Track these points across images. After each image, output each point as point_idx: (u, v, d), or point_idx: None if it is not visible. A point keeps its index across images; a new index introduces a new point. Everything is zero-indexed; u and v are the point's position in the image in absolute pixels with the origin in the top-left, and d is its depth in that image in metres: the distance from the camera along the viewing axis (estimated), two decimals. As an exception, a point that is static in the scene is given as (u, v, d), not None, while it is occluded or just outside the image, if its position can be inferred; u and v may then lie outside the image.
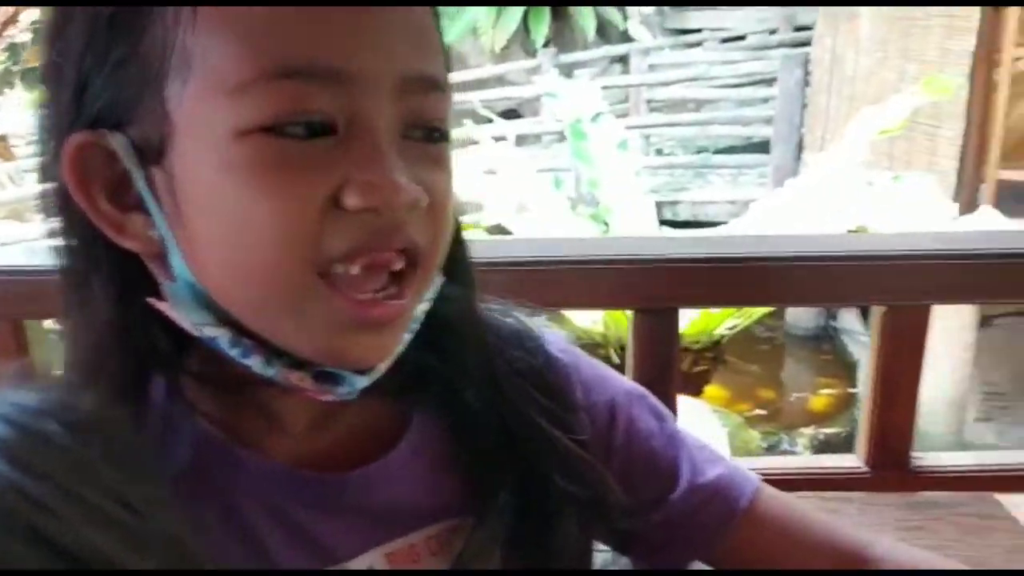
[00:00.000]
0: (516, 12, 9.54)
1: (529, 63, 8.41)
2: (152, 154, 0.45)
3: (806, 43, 6.62)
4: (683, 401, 3.29)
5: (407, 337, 0.51)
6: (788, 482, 1.07)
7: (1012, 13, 4.17)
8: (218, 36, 0.43)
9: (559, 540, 0.56)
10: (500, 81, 8.40)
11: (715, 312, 3.36)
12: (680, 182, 7.15)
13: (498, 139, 3.81)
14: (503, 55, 9.47)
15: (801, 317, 6.01)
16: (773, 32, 8.99)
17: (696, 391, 3.60)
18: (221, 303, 0.47)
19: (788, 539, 0.61)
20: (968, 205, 4.31)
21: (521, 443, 0.56)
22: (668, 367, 1.06)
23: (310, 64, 0.43)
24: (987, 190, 4.35)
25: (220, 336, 0.47)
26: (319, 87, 0.43)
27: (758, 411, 5.48)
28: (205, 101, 0.44)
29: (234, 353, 0.47)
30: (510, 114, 8.85)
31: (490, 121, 4.94)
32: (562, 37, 9.55)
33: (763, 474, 1.05)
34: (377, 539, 0.53)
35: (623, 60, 8.76)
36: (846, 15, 5.39)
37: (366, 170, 0.44)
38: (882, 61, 4.96)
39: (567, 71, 6.57)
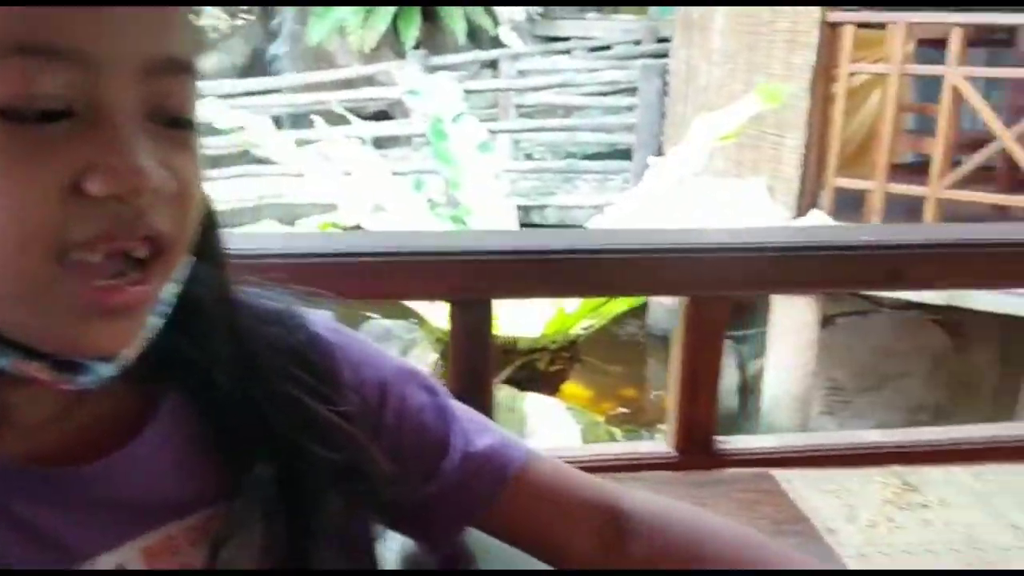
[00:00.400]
0: (386, 13, 9.47)
1: (398, 65, 8.37)
2: None
3: (666, 55, 6.88)
4: (538, 399, 3.37)
5: (156, 321, 0.50)
6: (603, 467, 1.12)
7: (848, 30, 4.46)
8: None
9: (323, 515, 0.56)
10: (369, 82, 8.33)
11: (570, 312, 3.44)
12: (548, 187, 7.28)
13: (350, 138, 3.76)
14: (372, 56, 9.38)
15: (661, 318, 6.21)
16: (637, 43, 9.29)
17: (553, 390, 3.67)
18: None
19: (554, 500, 0.64)
20: (807, 210, 4.58)
21: (278, 419, 0.55)
22: (484, 357, 1.08)
23: (46, 42, 0.41)
24: (826, 196, 4.63)
25: None
26: (56, 67, 0.42)
27: (621, 409, 5.65)
28: None
29: None
30: (381, 116, 8.78)
31: (348, 122, 4.88)
32: (432, 40, 9.54)
33: (581, 460, 1.09)
34: (129, 533, 0.51)
35: (493, 65, 8.84)
36: (700, 28, 5.62)
37: (109, 155, 0.43)
38: (732, 73, 5.20)
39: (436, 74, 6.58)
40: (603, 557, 0.64)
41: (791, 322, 4.66)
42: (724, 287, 1.10)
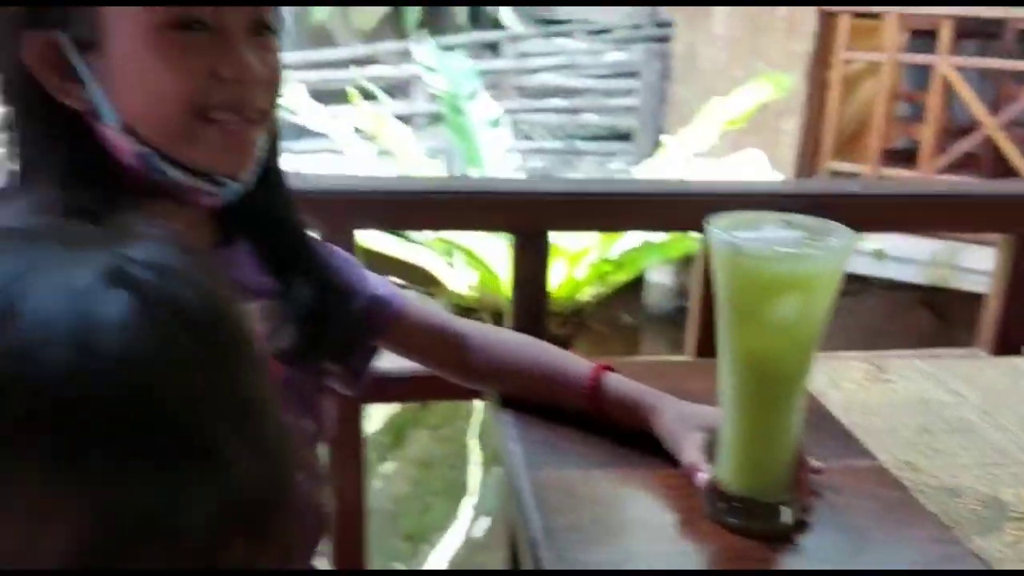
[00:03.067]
0: (389, -7, 9.54)
1: (399, 45, 8.48)
2: (88, 44, 0.68)
3: (667, 39, 7.03)
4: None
5: (255, 159, 0.76)
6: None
7: (844, 20, 4.64)
8: None
9: (335, 323, 0.83)
10: (370, 62, 8.41)
11: (579, 278, 3.62)
12: (551, 167, 7.42)
13: (382, 116, 3.91)
14: (373, 36, 9.47)
15: (659, 301, 6.42)
16: (637, 27, 9.43)
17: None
18: (143, 137, 0.70)
19: (425, 328, 0.96)
20: (803, 191, 4.77)
21: (309, 263, 0.84)
22: (540, 286, 1.26)
23: (190, 12, 0.69)
24: (821, 179, 4.83)
25: (149, 154, 0.70)
26: (199, 12, 0.69)
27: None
28: (127, 12, 0.67)
29: (161, 166, 0.70)
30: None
31: (374, 98, 5.02)
32: (434, 21, 9.65)
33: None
34: None
35: (494, 47, 8.96)
36: (702, 13, 5.79)
37: (232, 54, 0.70)
38: (733, 58, 5.38)
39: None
40: (458, 367, 0.97)
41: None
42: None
